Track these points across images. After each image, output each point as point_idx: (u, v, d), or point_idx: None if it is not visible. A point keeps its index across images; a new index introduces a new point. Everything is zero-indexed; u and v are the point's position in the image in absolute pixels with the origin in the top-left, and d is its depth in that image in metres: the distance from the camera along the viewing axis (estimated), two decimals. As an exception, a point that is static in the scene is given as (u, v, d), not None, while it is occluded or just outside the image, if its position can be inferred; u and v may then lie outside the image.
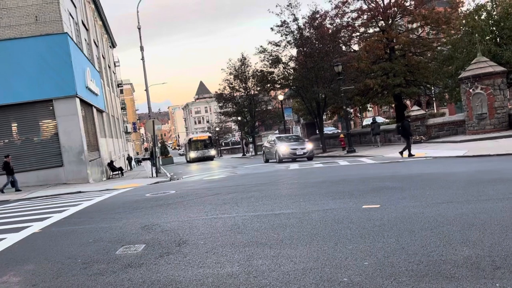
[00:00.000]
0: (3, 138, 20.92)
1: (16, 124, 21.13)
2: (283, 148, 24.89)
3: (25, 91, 20.17)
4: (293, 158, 24.76)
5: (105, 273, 4.70)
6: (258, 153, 48.17)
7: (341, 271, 4.01)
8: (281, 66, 33.51)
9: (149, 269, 4.66)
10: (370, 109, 58.32)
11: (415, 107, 26.79)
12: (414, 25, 33.29)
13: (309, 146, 25.29)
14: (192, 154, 50.73)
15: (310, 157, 24.83)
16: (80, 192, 16.37)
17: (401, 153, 18.15)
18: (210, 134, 58.85)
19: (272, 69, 34.11)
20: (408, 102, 48.93)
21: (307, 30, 31.63)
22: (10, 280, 4.83)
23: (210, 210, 8.16)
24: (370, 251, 4.51)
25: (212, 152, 51.98)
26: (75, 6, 26.29)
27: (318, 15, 31.27)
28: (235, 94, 50.91)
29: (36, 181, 20.31)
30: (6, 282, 4.79)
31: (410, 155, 17.76)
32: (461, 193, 7.43)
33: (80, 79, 22.08)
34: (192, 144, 52.13)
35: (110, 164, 27.60)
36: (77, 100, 21.14)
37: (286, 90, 40.16)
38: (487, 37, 25.50)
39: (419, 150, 19.56)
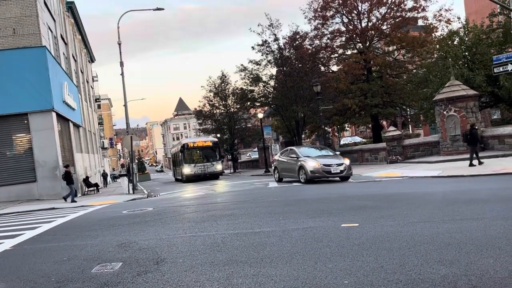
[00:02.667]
0: (-26, 151, 20.28)
1: (-12, 138, 20.54)
2: (313, 164, 18.31)
3: (-1, 104, 19.70)
4: (327, 177, 18.34)
5: (80, 292, 4.57)
6: (237, 170, 48.03)
7: (321, 290, 4.01)
8: (261, 84, 33.89)
9: (126, 288, 4.56)
10: (348, 128, 59.32)
11: (392, 128, 27.34)
12: (391, 48, 34.31)
13: (346, 161, 19.01)
14: (188, 170, 33.29)
15: (347, 177, 18.57)
16: (54, 208, 15.94)
17: (471, 164, 17.02)
18: (215, 139, 38.39)
19: (252, 87, 34.43)
20: (384, 123, 49.99)
21: (287, 50, 32.17)
22: (-21, 300, 4.64)
23: (189, 228, 8.07)
24: (349, 270, 4.53)
25: (219, 166, 34.49)
26: (54, 20, 26.05)
27: (298, 36, 31.86)
28: (214, 111, 50.95)
29: (7, 196, 19.69)
30: (-25, 302, 4.60)
31: (471, 164, 16.97)
32: (437, 213, 7.58)
33: (57, 93, 21.73)
34: (187, 153, 34.21)
35: (86, 180, 27.05)
36: (54, 114, 20.76)
37: (266, 108, 40.45)
38: (460, 62, 26.45)
39: (395, 170, 19.89)
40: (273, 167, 22.53)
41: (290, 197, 12.90)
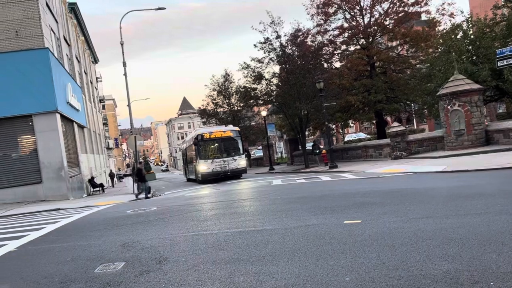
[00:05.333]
0: (-20, 154, 20.41)
1: (-7, 140, 20.66)
2: None
3: (3, 107, 19.82)
4: None
5: (82, 292, 4.59)
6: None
7: (322, 287, 4.01)
8: (264, 82, 33.75)
9: (128, 288, 4.58)
10: (352, 125, 59.16)
11: (396, 123, 27.18)
12: (394, 43, 34.12)
13: None
14: (204, 167, 27.57)
15: None
16: (59, 209, 16.01)
17: None
18: (236, 128, 31.05)
19: (255, 85, 34.32)
20: (388, 119, 49.78)
21: (290, 47, 32.04)
22: (-17, 301, 4.67)
23: (192, 227, 8.08)
24: (351, 267, 4.52)
25: (242, 162, 28.69)
26: (56, 22, 26.13)
27: (300, 33, 31.72)
28: (218, 110, 50.96)
29: (13, 198, 19.81)
30: (-21, 303, 4.63)
31: None
32: (440, 208, 7.54)
33: (60, 95, 21.82)
34: (203, 146, 28.43)
35: (91, 181, 27.19)
36: (58, 115, 20.85)
37: (269, 106, 40.35)
38: (464, 56, 26.25)
39: (399, 166, 19.81)
40: None
41: (293, 194, 12.88)
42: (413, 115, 42.22)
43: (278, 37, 31.77)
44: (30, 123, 20.52)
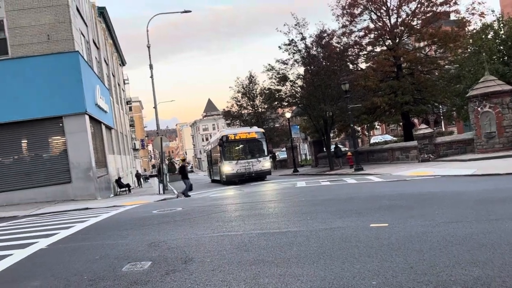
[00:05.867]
0: (13, 154, 21.12)
1: (26, 141, 21.35)
2: None
3: (35, 108, 20.45)
4: None
5: (111, 290, 4.68)
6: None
7: (348, 290, 3.96)
8: (288, 84, 33.69)
9: (155, 287, 4.65)
10: (378, 127, 58.34)
11: (423, 125, 26.67)
12: (421, 44, 33.49)
13: None
14: (228, 168, 27.65)
15: None
16: (87, 208, 16.40)
17: None
18: (261, 129, 31.11)
19: (279, 87, 34.30)
20: (416, 121, 48.85)
21: (314, 48, 31.88)
22: (16, 296, 4.83)
23: (217, 228, 8.13)
24: (378, 271, 4.45)
25: (266, 164, 28.62)
26: (86, 25, 26.82)
27: (325, 34, 31.53)
28: (242, 112, 51.18)
29: (44, 197, 20.40)
30: (13, 298, 4.78)
31: None
32: (470, 213, 7.34)
33: (89, 97, 22.36)
34: (228, 147, 28.39)
35: (118, 181, 27.73)
36: (87, 117, 21.37)
37: (294, 108, 40.22)
38: (494, 56, 25.53)
39: (427, 169, 19.41)
40: None
41: (319, 196, 12.80)
42: (441, 117, 41.32)
43: (303, 38, 31.68)
44: (61, 124, 21.10)
